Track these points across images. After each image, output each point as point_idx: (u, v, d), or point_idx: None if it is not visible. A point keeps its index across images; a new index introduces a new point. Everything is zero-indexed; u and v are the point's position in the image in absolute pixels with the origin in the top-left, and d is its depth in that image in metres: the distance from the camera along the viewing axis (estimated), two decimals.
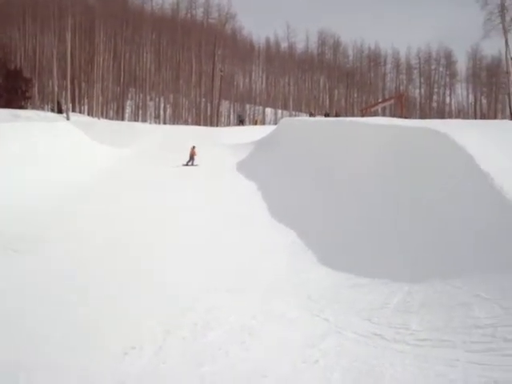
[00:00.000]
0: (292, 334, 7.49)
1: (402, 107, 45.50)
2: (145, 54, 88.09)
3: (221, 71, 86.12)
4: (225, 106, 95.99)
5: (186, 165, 29.80)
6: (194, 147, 30.92)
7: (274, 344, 7.19)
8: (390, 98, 66.87)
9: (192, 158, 30.38)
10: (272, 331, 7.63)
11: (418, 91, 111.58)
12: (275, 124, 58.63)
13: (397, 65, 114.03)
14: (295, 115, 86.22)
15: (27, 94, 65.21)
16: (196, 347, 7.18)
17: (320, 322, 7.78)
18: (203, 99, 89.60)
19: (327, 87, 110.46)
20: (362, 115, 47.68)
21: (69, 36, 60.88)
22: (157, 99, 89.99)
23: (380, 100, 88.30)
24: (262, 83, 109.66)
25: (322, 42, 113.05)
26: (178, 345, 7.25)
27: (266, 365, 6.51)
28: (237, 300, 8.96)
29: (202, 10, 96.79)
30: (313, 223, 14.38)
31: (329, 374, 6.22)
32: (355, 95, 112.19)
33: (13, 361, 6.76)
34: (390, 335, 7.03)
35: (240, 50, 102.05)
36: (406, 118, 36.56)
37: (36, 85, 71.27)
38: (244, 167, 27.92)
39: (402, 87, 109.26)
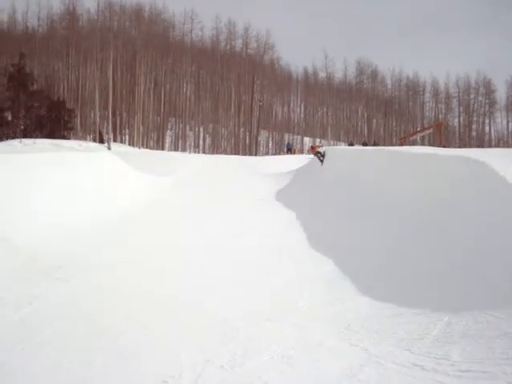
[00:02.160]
0: (331, 363, 7.46)
1: (441, 136, 45.27)
2: (185, 85, 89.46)
3: (259, 101, 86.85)
4: (263, 135, 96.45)
5: (322, 162, 30.23)
6: (312, 147, 31.88)
7: (312, 374, 7.17)
8: (428, 127, 66.48)
9: (319, 152, 30.64)
10: (311, 361, 7.61)
11: (457, 120, 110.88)
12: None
13: (436, 94, 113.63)
14: (333, 144, 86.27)
15: (69, 125, 66.56)
16: (235, 376, 7.19)
17: (359, 352, 7.74)
18: (242, 129, 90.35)
19: (365, 116, 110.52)
20: (401, 144, 47.57)
21: (110, 68, 62.10)
22: (196, 129, 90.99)
23: (419, 129, 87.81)
24: (300, 113, 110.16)
25: (360, 72, 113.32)
26: (216, 373, 7.27)
27: None
28: (275, 329, 8.95)
29: (240, 41, 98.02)
30: (351, 251, 14.30)
31: None
32: (393, 124, 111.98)
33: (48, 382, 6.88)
34: (430, 366, 6.97)
35: (278, 79, 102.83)
36: (444, 146, 36.36)
37: (78, 115, 72.60)
38: (282, 195, 27.97)
39: (440, 116, 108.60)
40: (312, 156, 31.48)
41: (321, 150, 30.78)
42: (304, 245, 16.40)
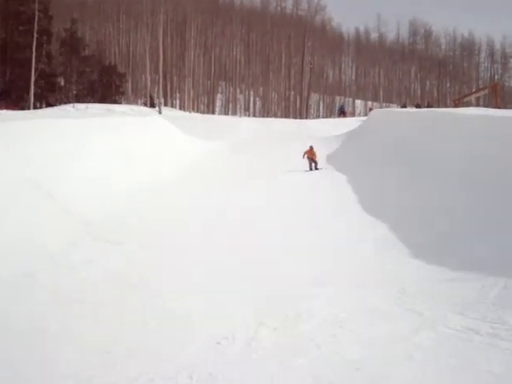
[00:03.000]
0: (384, 327, 7.41)
1: (497, 97, 44.15)
2: (234, 48, 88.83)
3: (310, 63, 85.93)
4: (314, 98, 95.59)
5: (310, 170, 24.76)
6: (311, 147, 25.11)
7: (365, 337, 7.13)
8: (483, 88, 64.89)
9: (313, 160, 24.94)
10: (364, 324, 7.57)
11: None
12: (365, 116, 58.04)
13: (491, 53, 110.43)
14: (385, 106, 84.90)
15: (121, 89, 66.98)
16: (287, 339, 7.19)
17: (413, 316, 7.67)
18: (292, 92, 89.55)
19: (418, 77, 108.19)
20: (455, 106, 46.59)
21: (161, 31, 62.07)
22: (246, 92, 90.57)
23: (474, 90, 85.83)
24: (351, 75, 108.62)
25: (413, 32, 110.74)
26: (269, 336, 7.28)
27: (358, 358, 6.46)
28: (327, 293, 8.92)
29: (291, 2, 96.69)
30: (404, 215, 14.14)
31: (424, 368, 6.13)
32: (448, 85, 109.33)
33: (104, 342, 7.02)
34: (485, 330, 6.88)
35: (329, 41, 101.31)
36: (499, 108, 35.50)
37: (129, 80, 72.89)
38: (334, 159, 27.81)
39: (496, 77, 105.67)
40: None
41: (317, 159, 25.07)
42: (356, 207, 16.33)
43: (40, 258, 10.41)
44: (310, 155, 24.84)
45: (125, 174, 19.09)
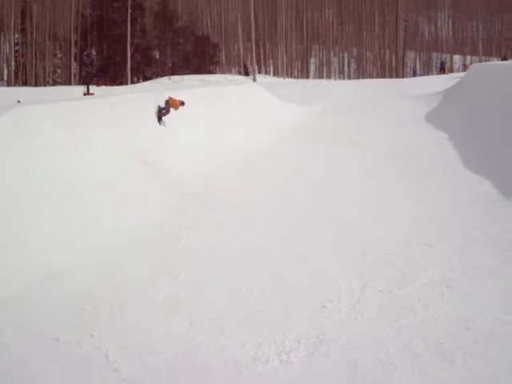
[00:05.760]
0: (493, 284, 7.28)
1: None
2: (326, 10, 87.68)
3: (405, 21, 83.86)
4: (410, 56, 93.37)
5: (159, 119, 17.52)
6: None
7: (473, 296, 7.02)
8: None
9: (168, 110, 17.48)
10: (471, 283, 7.45)
11: None
12: (463, 71, 56.27)
13: None
14: (485, 60, 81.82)
15: (215, 59, 67.53)
16: (394, 301, 7.15)
17: None
18: (387, 51, 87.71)
19: None
20: None
21: None
22: (340, 54, 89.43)
23: None
24: (448, 30, 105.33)
25: None
26: (375, 298, 7.24)
27: (467, 317, 6.37)
28: (433, 253, 8.79)
29: None
30: (508, 171, 13.67)
31: None
32: None
33: (210, 311, 7.15)
34: None
35: None
36: None
37: (223, 49, 73.36)
38: (432, 118, 27.12)
39: None
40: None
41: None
42: (458, 165, 15.93)
43: (150, 227, 10.81)
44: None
45: (223, 143, 19.29)
